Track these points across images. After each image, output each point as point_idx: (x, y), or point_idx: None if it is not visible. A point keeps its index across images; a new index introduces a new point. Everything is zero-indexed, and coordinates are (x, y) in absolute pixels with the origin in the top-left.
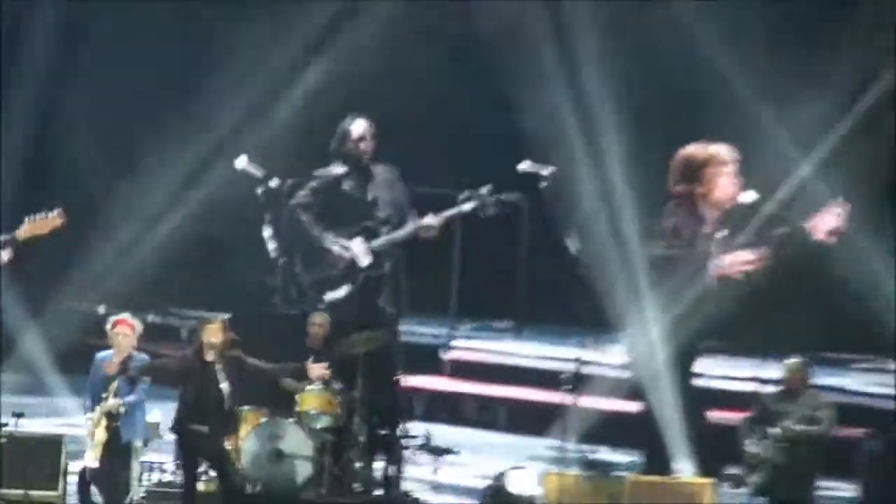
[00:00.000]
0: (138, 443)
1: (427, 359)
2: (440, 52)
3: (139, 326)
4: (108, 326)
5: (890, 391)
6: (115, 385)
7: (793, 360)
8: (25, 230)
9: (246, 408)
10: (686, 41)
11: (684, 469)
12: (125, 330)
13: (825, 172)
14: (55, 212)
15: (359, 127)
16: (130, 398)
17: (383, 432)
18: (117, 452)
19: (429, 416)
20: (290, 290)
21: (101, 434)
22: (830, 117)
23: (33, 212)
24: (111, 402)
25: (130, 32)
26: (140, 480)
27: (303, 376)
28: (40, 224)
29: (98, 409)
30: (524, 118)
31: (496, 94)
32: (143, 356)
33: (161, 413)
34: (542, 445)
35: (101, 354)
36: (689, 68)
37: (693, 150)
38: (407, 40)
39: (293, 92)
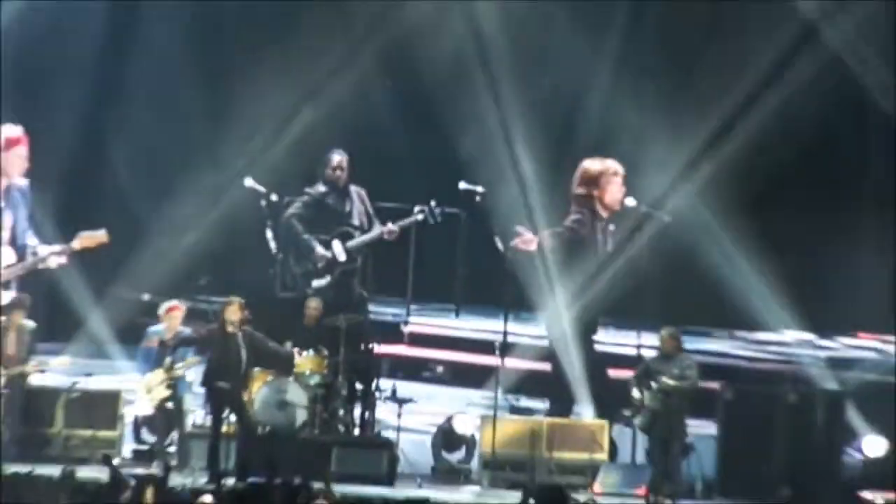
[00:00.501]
0: (186, 396)
1: (391, 331)
2: (401, 101)
3: (184, 309)
4: (162, 311)
5: (741, 353)
6: (192, 358)
7: (667, 330)
8: (79, 242)
9: (257, 369)
10: (586, 82)
11: (583, 412)
12: (175, 313)
13: (689, 181)
14: (102, 231)
15: (337, 157)
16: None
17: (360, 387)
18: (173, 403)
19: (393, 374)
20: (286, 279)
21: (163, 391)
22: (697, 135)
23: (89, 225)
24: (179, 369)
25: (165, 83)
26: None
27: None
28: (90, 238)
29: (162, 371)
30: (462, 150)
31: (441, 131)
32: (187, 330)
33: (194, 374)
34: (478, 395)
35: (152, 329)
36: (587, 100)
37: (590, 162)
38: (375, 94)
39: (290, 129)
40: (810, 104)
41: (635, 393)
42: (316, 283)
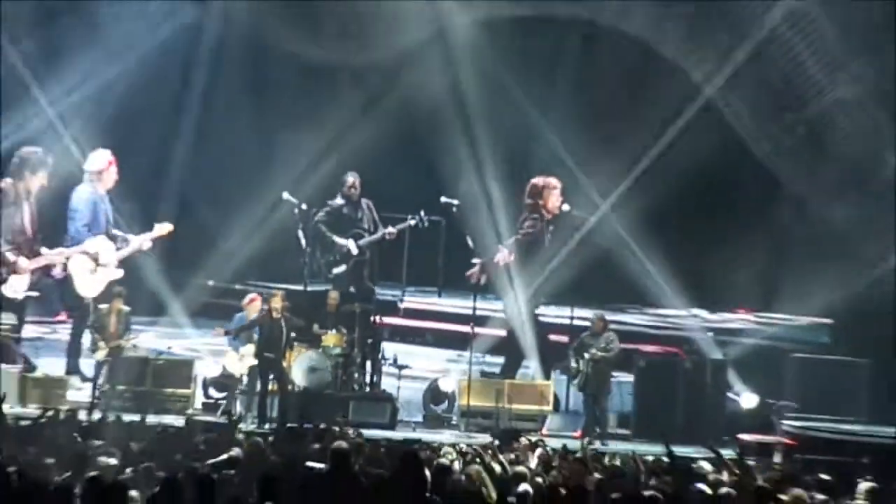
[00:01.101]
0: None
1: (390, 307)
2: (399, 137)
3: (261, 299)
4: (245, 301)
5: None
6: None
7: (597, 314)
8: (156, 231)
9: (294, 344)
10: (535, 122)
11: (530, 366)
12: (255, 304)
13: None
14: (167, 223)
15: (351, 178)
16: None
17: (370, 356)
18: (248, 369)
19: (392, 339)
20: (313, 268)
21: (252, 360)
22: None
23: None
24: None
25: (229, 125)
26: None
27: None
28: (163, 227)
29: (254, 346)
30: (443, 173)
31: (428, 159)
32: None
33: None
34: (455, 355)
35: (238, 315)
36: (535, 135)
37: (536, 179)
38: (379, 133)
39: (317, 158)
40: (702, 140)
41: (572, 362)
42: (335, 270)
